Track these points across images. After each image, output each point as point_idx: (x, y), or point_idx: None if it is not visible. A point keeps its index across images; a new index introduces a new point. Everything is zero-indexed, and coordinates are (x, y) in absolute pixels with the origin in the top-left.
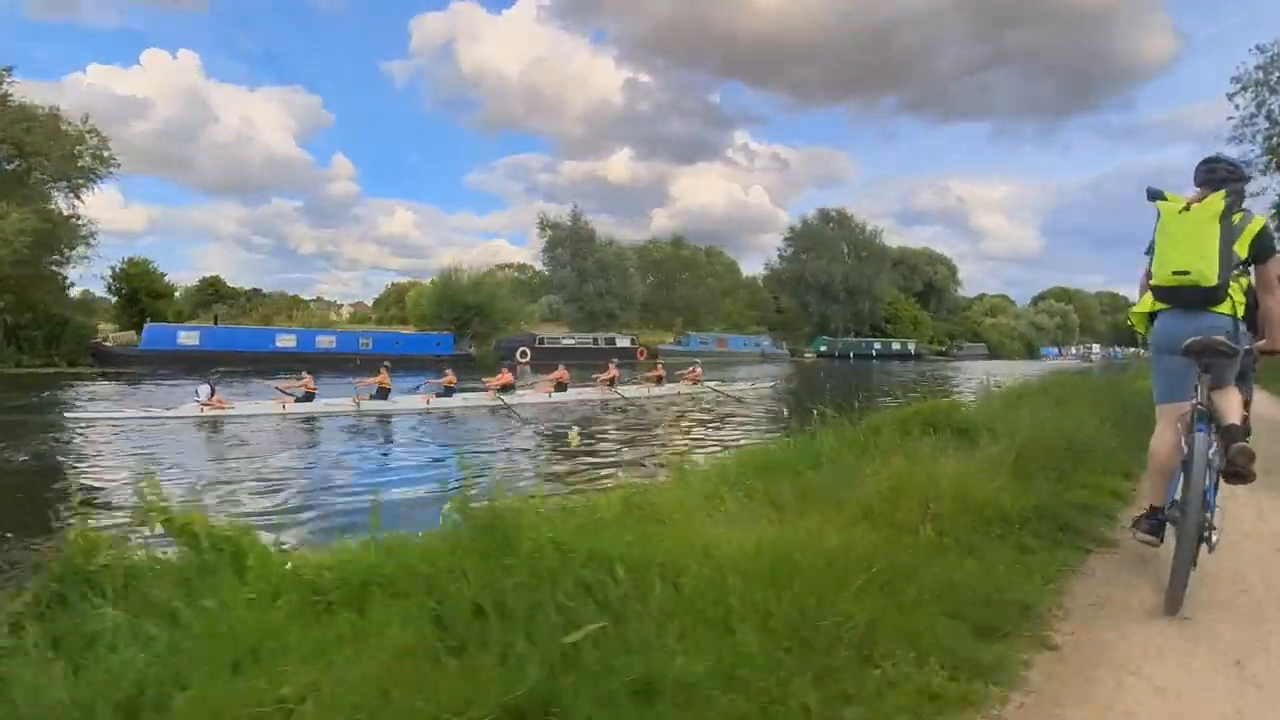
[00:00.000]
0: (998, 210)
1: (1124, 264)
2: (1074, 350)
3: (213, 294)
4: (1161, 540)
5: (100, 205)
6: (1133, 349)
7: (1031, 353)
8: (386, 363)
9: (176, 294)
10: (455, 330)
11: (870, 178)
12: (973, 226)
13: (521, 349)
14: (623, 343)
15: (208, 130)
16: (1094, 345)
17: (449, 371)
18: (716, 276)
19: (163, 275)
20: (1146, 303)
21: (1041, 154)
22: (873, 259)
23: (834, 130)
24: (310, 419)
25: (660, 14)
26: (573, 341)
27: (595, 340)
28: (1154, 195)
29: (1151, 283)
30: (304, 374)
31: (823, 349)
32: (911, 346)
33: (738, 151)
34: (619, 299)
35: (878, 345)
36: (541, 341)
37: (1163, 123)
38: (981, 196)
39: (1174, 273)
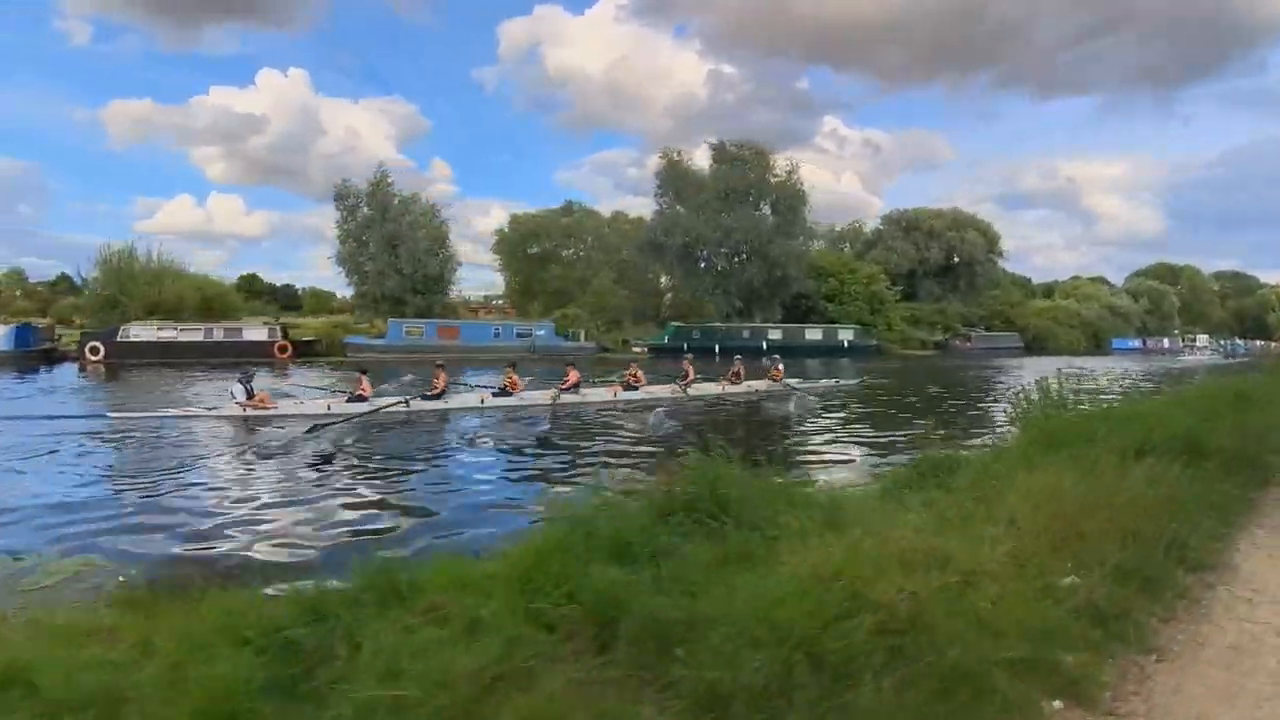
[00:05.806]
0: (1112, 190)
1: (1259, 245)
2: (1165, 342)
3: (248, 289)
4: None
5: (226, 213)
6: (1260, 341)
7: (1099, 345)
8: (440, 361)
9: None
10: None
11: (969, 160)
12: (1084, 208)
13: (92, 345)
14: (254, 334)
15: (317, 142)
16: (1198, 336)
17: None
18: (607, 249)
19: None
20: None
21: (1159, 127)
22: (790, 214)
23: (928, 111)
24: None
25: (740, 3)
26: (174, 333)
27: (209, 333)
28: None
29: None
30: (359, 375)
31: (666, 340)
32: (845, 337)
33: (827, 138)
34: (413, 279)
35: (774, 334)
36: (125, 335)
37: None
38: (1093, 176)
39: None
